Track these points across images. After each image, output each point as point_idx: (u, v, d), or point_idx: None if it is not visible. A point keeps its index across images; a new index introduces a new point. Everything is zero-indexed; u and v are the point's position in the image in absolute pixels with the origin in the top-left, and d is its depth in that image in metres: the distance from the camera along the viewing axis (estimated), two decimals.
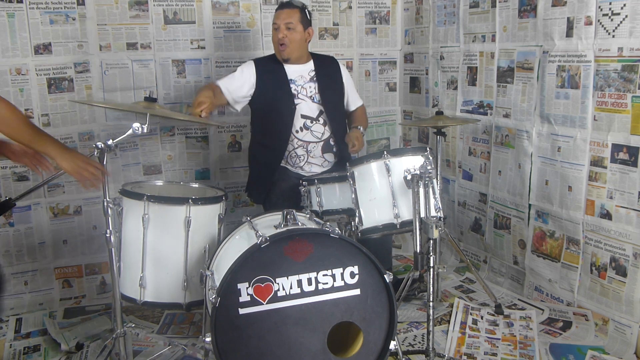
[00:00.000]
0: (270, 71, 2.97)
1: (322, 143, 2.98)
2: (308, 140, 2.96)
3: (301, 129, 2.95)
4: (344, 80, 3.13)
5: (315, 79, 3.01)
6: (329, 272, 2.00)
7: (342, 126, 3.09)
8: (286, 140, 2.94)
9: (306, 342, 1.99)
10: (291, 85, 2.96)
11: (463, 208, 3.48)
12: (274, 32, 2.96)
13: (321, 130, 2.98)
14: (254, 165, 3.13)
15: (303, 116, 2.95)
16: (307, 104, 2.96)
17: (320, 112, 2.98)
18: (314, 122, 2.96)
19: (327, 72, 3.07)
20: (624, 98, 2.43)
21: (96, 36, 3.18)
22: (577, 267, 2.72)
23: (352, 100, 3.20)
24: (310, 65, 3.04)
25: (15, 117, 1.94)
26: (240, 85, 2.94)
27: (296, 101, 2.94)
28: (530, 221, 2.97)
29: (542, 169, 2.87)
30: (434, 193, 2.27)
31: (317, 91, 2.99)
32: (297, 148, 2.95)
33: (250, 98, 2.98)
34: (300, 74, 3.00)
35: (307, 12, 2.98)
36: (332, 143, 3.02)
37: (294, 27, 2.90)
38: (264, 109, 2.99)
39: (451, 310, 2.91)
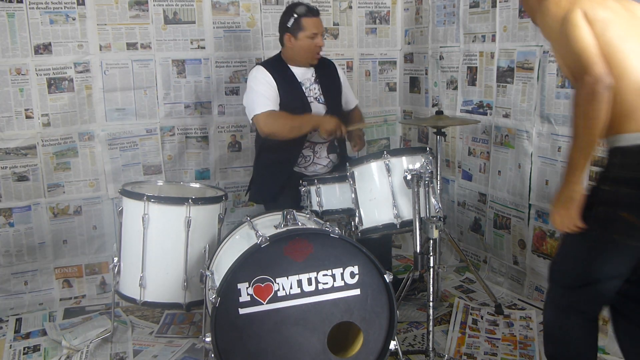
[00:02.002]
0: (282, 75, 2.93)
1: (327, 143, 2.99)
2: (315, 142, 2.95)
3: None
4: (341, 81, 3.14)
5: (317, 80, 3.01)
6: (329, 272, 2.00)
7: None
8: (301, 143, 2.92)
9: (306, 342, 1.99)
10: (302, 88, 2.96)
11: (463, 208, 3.48)
12: (308, 40, 2.86)
13: None
14: (263, 168, 3.04)
15: None
16: (315, 106, 2.96)
17: (326, 113, 2.99)
18: None
19: (327, 73, 3.07)
20: None
21: (96, 36, 3.18)
22: None
23: (350, 99, 3.21)
24: (311, 67, 3.03)
25: None
26: (274, 95, 2.87)
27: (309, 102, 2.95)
28: (530, 221, 2.97)
29: (542, 169, 2.87)
30: (434, 193, 2.27)
31: (321, 92, 2.99)
32: (304, 149, 2.95)
33: None
34: (306, 76, 2.99)
35: None
36: (336, 144, 3.02)
37: (324, 34, 2.95)
38: None
39: (451, 310, 2.91)
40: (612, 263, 1.81)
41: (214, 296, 1.90)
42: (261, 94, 2.84)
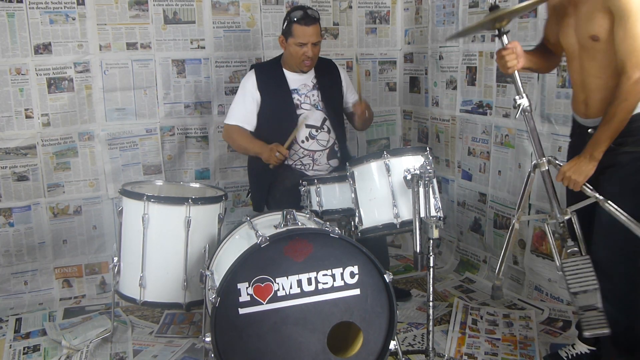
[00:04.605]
0: (272, 82, 2.92)
1: (327, 150, 2.97)
2: (314, 149, 2.93)
3: (307, 139, 2.92)
4: (343, 84, 3.12)
5: (317, 86, 2.99)
6: (328, 272, 2.00)
7: (344, 130, 3.10)
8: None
9: (306, 342, 1.99)
10: (294, 96, 2.93)
11: (463, 208, 3.48)
12: (297, 47, 2.83)
13: (326, 137, 2.96)
14: (254, 174, 3.07)
15: (308, 126, 2.93)
16: (311, 113, 2.94)
17: (324, 120, 2.97)
18: (319, 130, 2.95)
19: (329, 78, 3.05)
20: None
21: (96, 36, 3.18)
22: None
23: (350, 98, 3.18)
24: (312, 72, 3.00)
25: None
26: (250, 109, 2.92)
27: (299, 112, 2.92)
28: (531, 221, 2.97)
29: None
30: (434, 193, 2.27)
31: (320, 99, 2.98)
32: (302, 157, 2.94)
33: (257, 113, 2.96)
34: (303, 82, 2.97)
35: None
36: (336, 149, 3.01)
37: (319, 43, 2.88)
38: (266, 122, 2.93)
39: (451, 310, 2.91)
40: None
41: (214, 296, 1.90)
42: (241, 105, 2.95)
